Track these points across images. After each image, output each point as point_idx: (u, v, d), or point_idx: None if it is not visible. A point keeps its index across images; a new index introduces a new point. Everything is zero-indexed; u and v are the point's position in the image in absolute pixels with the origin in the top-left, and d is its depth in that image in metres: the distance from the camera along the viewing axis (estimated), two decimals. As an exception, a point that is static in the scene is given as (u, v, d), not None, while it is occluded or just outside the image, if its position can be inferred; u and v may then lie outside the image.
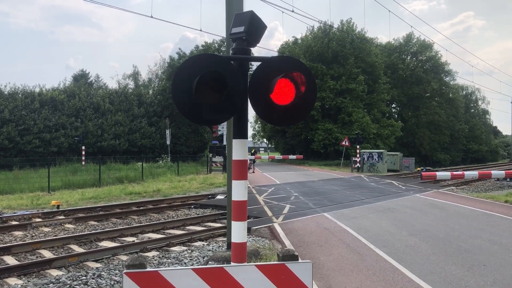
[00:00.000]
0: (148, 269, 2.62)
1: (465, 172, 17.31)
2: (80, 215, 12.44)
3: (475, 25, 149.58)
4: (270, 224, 10.12)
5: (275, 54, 40.57)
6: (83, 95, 34.78)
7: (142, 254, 8.21)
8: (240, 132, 3.25)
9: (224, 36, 8.31)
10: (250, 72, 3.33)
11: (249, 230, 9.48)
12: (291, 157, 40.01)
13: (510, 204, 13.65)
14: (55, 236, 9.78)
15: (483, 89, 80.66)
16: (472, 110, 69.27)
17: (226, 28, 7.21)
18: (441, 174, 16.80)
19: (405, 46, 54.41)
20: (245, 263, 3.15)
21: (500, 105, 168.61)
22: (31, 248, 8.48)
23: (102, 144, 33.97)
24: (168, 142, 33.15)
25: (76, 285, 6.23)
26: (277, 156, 46.82)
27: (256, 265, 2.77)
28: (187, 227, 10.84)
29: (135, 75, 53.32)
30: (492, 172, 19.56)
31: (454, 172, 17.09)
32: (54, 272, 6.98)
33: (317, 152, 44.10)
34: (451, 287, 5.68)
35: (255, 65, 3.33)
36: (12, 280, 6.58)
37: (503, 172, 19.77)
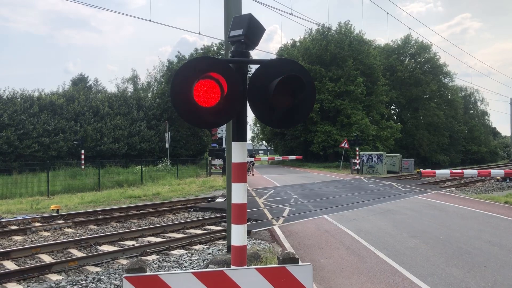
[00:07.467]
0: (148, 273, 2.62)
1: (465, 171, 17.33)
2: (80, 219, 12.42)
3: (471, 26, 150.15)
4: (270, 227, 10.11)
5: (274, 56, 40.65)
6: (82, 99, 34.83)
7: (142, 258, 8.18)
8: (239, 135, 3.24)
9: (223, 39, 8.31)
10: (249, 74, 3.33)
11: (249, 233, 9.46)
12: (291, 157, 39.95)
13: (510, 205, 13.65)
14: (55, 240, 9.76)
15: (481, 90, 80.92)
16: (471, 111, 69.44)
17: (225, 31, 7.22)
18: (440, 171, 16.85)
19: (403, 47, 54.47)
20: (245, 267, 3.13)
21: (499, 106, 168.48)
22: (31, 252, 8.46)
23: (101, 148, 33.97)
24: (167, 146, 33.13)
25: (75, 289, 6.21)
26: (277, 157, 46.74)
27: (256, 268, 2.76)
28: (187, 231, 10.82)
29: (134, 79, 53.44)
30: (491, 171, 19.60)
31: (454, 170, 17.12)
32: (54, 277, 6.95)
33: (316, 154, 44.12)
34: (452, 289, 5.66)
35: (254, 67, 3.33)
36: (12, 285, 6.56)
37: (502, 171, 19.82)
